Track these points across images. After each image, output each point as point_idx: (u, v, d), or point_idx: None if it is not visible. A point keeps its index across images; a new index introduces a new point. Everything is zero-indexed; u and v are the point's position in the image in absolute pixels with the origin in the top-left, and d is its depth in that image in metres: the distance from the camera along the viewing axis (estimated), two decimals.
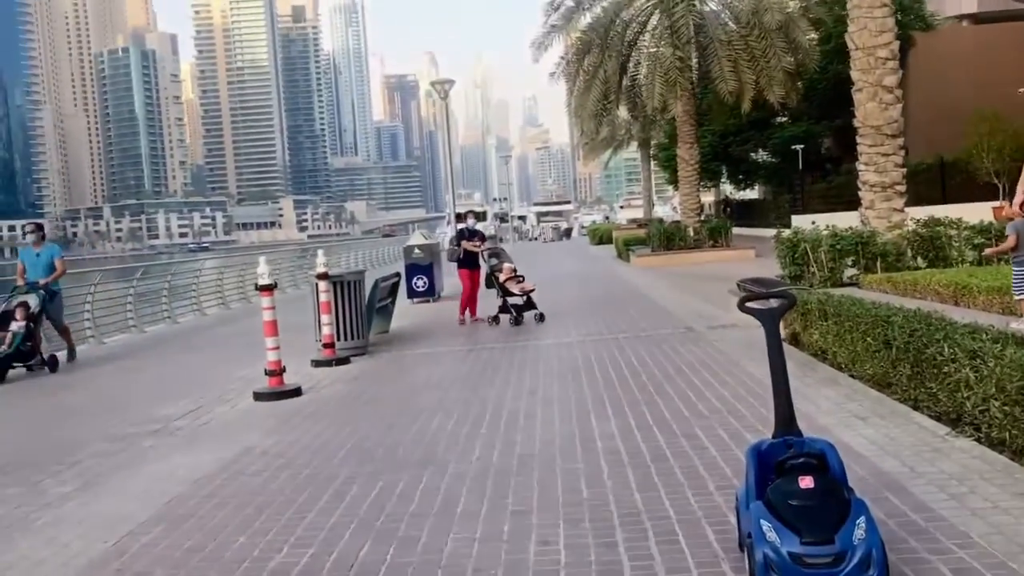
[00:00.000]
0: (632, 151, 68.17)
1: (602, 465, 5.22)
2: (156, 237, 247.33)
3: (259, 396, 8.30)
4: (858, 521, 3.14)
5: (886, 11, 10.38)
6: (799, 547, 3.09)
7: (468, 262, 13.81)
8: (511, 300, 12.87)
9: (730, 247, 25.09)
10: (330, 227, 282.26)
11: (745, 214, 44.47)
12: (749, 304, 4.11)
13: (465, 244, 13.83)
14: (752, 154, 42.12)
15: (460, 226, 14.27)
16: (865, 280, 9.52)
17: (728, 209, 42.56)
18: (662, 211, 75.58)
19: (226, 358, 11.80)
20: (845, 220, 11.88)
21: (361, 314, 10.90)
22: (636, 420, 6.30)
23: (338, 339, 10.53)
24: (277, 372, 8.46)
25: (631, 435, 5.88)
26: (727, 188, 54.74)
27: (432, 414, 7.06)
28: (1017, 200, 7.09)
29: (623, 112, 40.68)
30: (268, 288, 8.49)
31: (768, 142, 39.50)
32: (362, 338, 10.91)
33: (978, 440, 4.97)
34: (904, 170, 10.52)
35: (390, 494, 4.98)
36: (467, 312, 13.65)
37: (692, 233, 24.95)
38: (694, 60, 25.12)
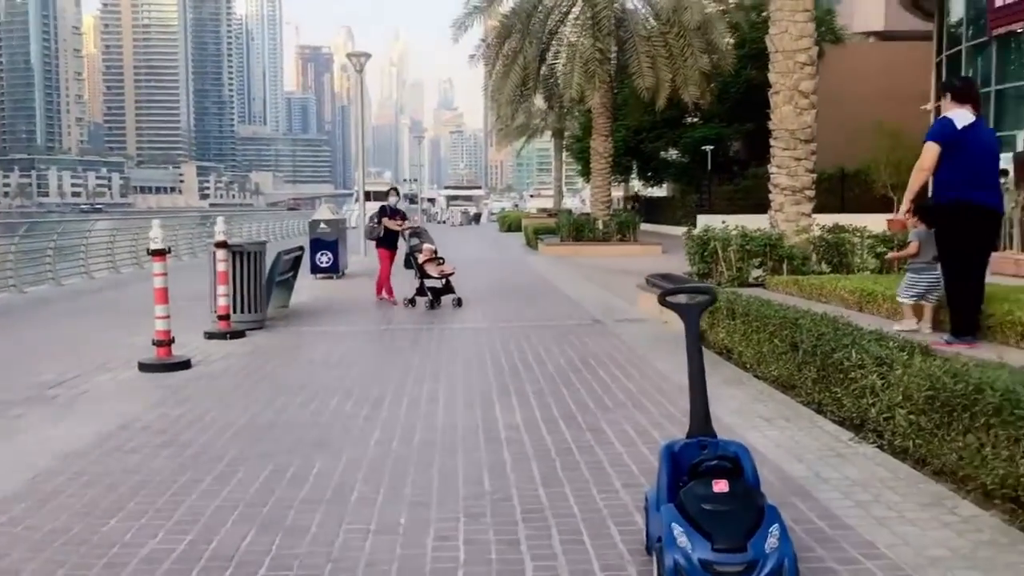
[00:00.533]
0: (545, 141, 68.32)
1: (505, 457, 5.03)
2: (46, 195, 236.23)
3: (145, 367, 7.82)
4: (771, 529, 3.02)
5: (807, 16, 10.47)
6: (710, 554, 2.96)
7: (388, 241, 13.30)
8: (428, 283, 12.40)
9: (638, 242, 25.29)
10: (233, 196, 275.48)
11: (653, 211, 45.07)
12: (670, 299, 3.96)
13: (386, 222, 13.18)
14: (663, 152, 42.68)
15: (382, 204, 13.71)
16: (772, 281, 9.60)
17: (636, 205, 43.05)
18: (571, 203, 76.09)
19: (112, 324, 11.16)
20: (752, 223, 11.95)
21: (260, 287, 10.46)
22: (541, 411, 6.14)
23: (234, 311, 10.08)
24: (165, 342, 7.99)
25: (536, 427, 5.71)
26: (636, 184, 55.44)
27: (330, 394, 6.76)
28: (903, 208, 7.15)
29: (539, 101, 40.70)
30: (160, 253, 8.00)
31: (679, 141, 40.08)
32: (260, 311, 10.47)
33: (880, 447, 4.97)
34: (814, 175, 10.66)
35: (280, 478, 4.69)
36: (384, 292, 13.24)
37: (601, 226, 25.05)
38: (613, 53, 25.16)
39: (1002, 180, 17.59)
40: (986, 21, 24.34)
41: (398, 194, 13.80)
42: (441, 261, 12.62)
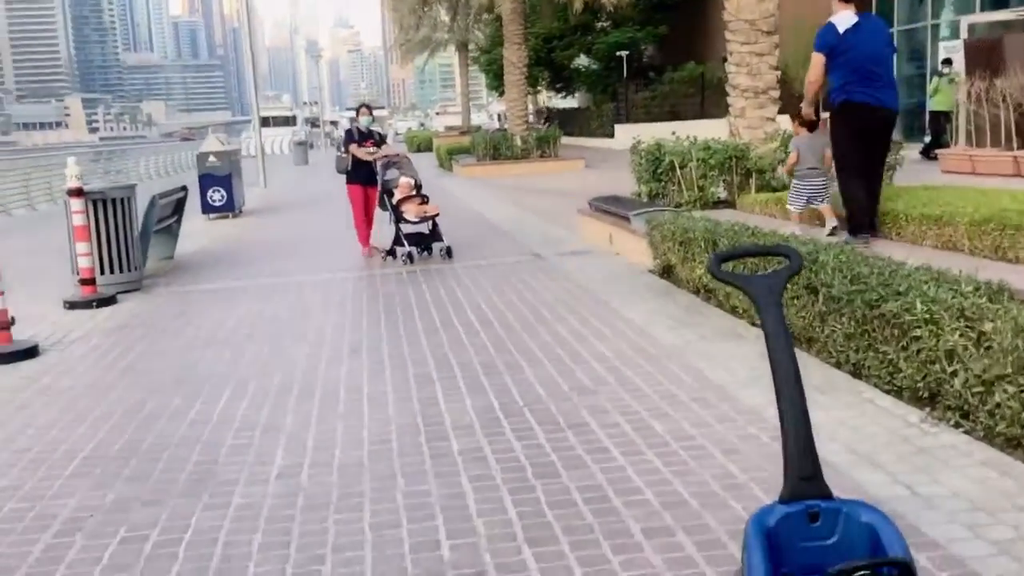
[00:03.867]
0: (448, 56, 65.59)
1: (464, 487, 3.55)
2: None
3: None
4: None
5: None
6: None
7: (360, 174, 10.10)
8: (407, 228, 9.53)
9: (559, 158, 23.77)
10: (124, 129, 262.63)
11: (566, 123, 43.32)
12: (728, 272, 2.49)
13: (353, 149, 10.05)
14: (575, 60, 40.87)
15: (348, 127, 10.90)
16: (745, 201, 8.24)
17: (548, 119, 41.28)
18: (478, 119, 73.66)
19: None
20: (673, 130, 10.66)
21: (132, 240, 8.65)
22: (499, 398, 4.67)
23: (101, 272, 8.29)
24: (2, 325, 6.21)
25: (496, 426, 4.24)
26: (543, 96, 53.45)
27: (217, 388, 5.16)
28: (807, 112, 7.17)
29: (443, 13, 38.31)
30: None
31: (592, 48, 38.29)
32: (134, 270, 8.69)
33: (971, 433, 3.67)
34: (779, 73, 9.25)
35: (137, 548, 3.13)
36: (363, 242, 10.37)
37: (520, 143, 23.39)
38: None
39: (946, 70, 16.62)
40: None
41: (370, 112, 10.54)
42: (424, 200, 9.83)
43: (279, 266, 9.92)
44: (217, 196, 15.36)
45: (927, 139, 16.67)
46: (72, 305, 7.83)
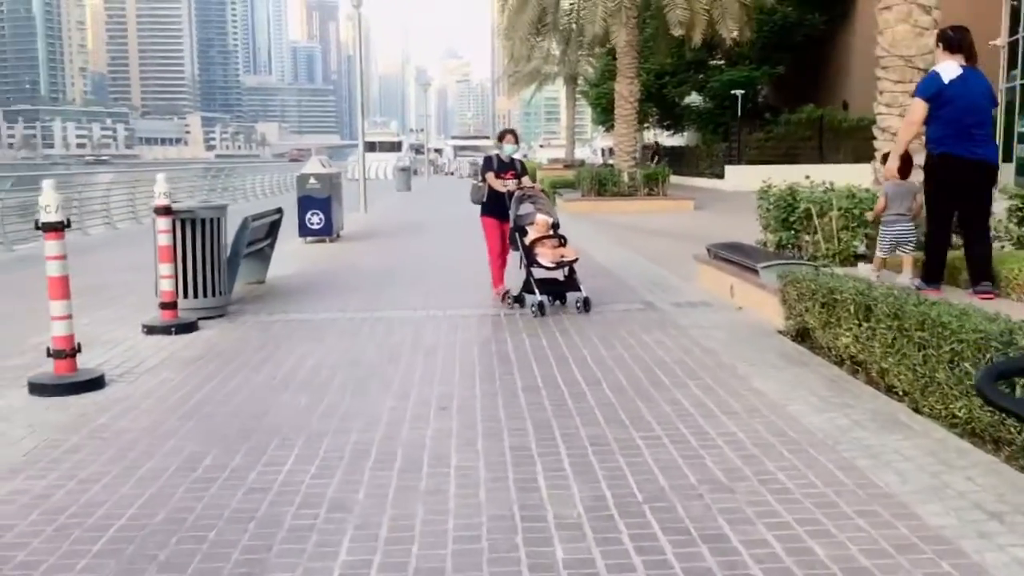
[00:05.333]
0: (554, 89, 65.29)
1: None
2: (51, 147, 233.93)
3: (36, 388, 5.56)
4: None
5: None
6: None
7: (496, 207, 8.79)
8: (538, 273, 8.21)
9: (667, 196, 22.86)
10: (239, 148, 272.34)
11: (674, 161, 42.37)
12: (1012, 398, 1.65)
13: (490, 179, 8.80)
14: (687, 97, 39.94)
15: (487, 154, 9.72)
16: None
17: (657, 156, 40.33)
18: (581, 153, 73.08)
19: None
20: (789, 174, 9.93)
21: (220, 263, 8.16)
22: (613, 488, 3.85)
23: (184, 296, 7.81)
24: (67, 353, 5.71)
25: (612, 530, 3.42)
26: (650, 133, 52.48)
27: (286, 445, 4.50)
28: (892, 164, 7.01)
29: (552, 46, 37.94)
30: (53, 228, 5.67)
31: (706, 85, 37.29)
32: (220, 295, 8.20)
33: None
34: None
35: None
36: (495, 282, 9.02)
37: (627, 179, 22.57)
38: None
39: None
40: None
41: (516, 139, 9.21)
42: (560, 241, 8.46)
43: (370, 298, 9.32)
44: (315, 219, 14.99)
45: None
46: (151, 330, 7.36)
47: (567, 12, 24.67)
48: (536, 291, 8.06)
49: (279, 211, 10.62)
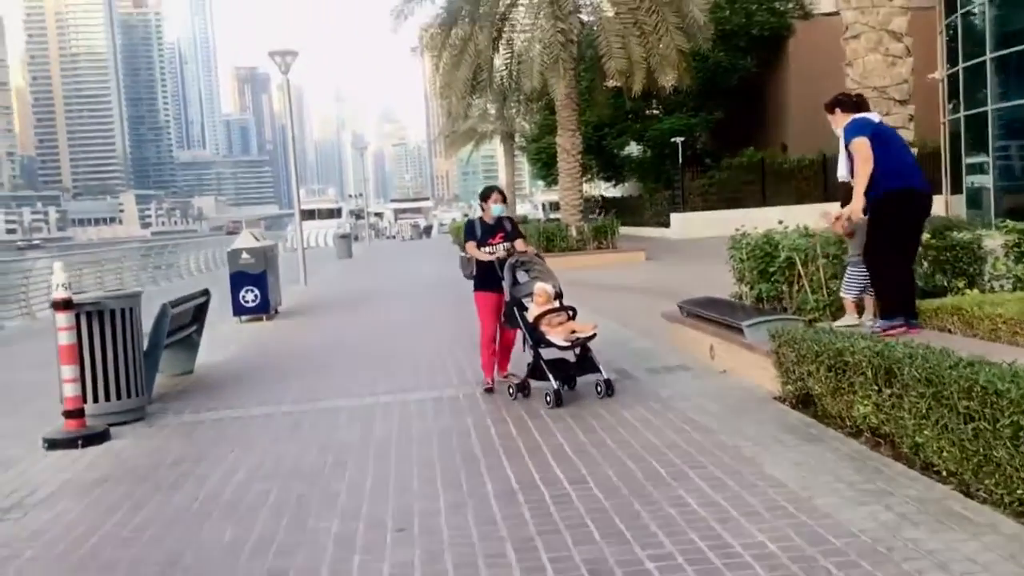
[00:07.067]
0: (492, 147, 65.21)
1: None
2: None
3: None
4: None
5: None
6: None
7: (490, 279, 7.37)
8: (547, 353, 6.87)
9: (616, 249, 22.27)
10: (176, 223, 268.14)
11: (618, 213, 42.13)
12: None
13: (470, 250, 7.50)
14: (627, 148, 39.81)
15: (470, 217, 8.09)
16: (924, 308, 6.49)
17: (603, 209, 39.96)
18: (522, 209, 72.93)
19: None
20: (735, 218, 9.39)
21: (135, 359, 7.15)
22: None
23: (94, 400, 6.79)
24: None
25: None
26: (591, 185, 52.33)
27: None
28: (858, 204, 6.35)
29: (488, 104, 37.60)
30: None
31: (645, 134, 37.16)
32: (137, 395, 7.17)
33: None
34: (915, 151, 7.66)
35: None
36: (487, 368, 7.57)
37: (575, 233, 21.94)
38: (575, 35, 22.01)
39: None
40: None
41: (503, 199, 7.69)
42: (568, 313, 7.08)
43: (312, 384, 8.35)
44: (250, 296, 13.97)
45: None
46: (52, 444, 6.31)
47: (501, 69, 24.19)
48: (549, 376, 6.69)
49: (206, 293, 9.63)
